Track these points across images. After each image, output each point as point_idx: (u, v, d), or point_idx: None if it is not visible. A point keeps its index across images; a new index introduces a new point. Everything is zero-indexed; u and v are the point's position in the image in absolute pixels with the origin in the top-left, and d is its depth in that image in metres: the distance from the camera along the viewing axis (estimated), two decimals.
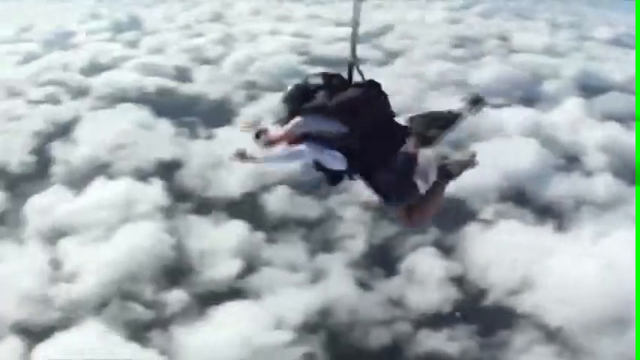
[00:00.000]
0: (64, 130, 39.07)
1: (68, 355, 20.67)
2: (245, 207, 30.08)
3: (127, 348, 21.50)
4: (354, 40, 7.80)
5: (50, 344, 21.61)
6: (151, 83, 48.42)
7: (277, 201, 30.30)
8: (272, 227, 28.85)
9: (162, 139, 37.50)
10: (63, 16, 68.95)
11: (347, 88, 7.72)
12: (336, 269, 25.89)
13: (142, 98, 44.60)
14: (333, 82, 7.75)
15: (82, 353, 20.84)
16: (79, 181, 32.45)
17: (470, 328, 23.09)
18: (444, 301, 24.44)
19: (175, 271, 25.99)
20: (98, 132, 37.63)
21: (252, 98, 44.07)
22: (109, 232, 28.00)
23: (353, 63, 7.81)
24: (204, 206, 30.42)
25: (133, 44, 60.17)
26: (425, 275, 25.58)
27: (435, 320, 23.55)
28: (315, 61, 52.71)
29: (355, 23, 7.75)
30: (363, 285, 25.25)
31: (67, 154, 35.83)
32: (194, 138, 38.14)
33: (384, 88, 7.76)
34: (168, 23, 67.97)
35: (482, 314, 23.94)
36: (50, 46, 59.79)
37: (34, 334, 22.26)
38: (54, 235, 27.98)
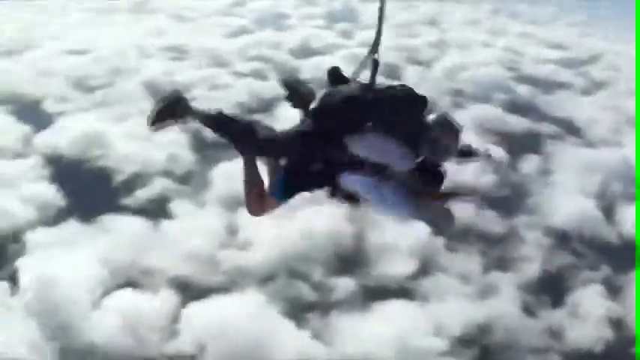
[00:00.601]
0: (266, 106, 38.93)
1: (220, 317, 20.80)
2: None
3: (282, 324, 21.35)
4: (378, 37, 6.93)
5: (205, 304, 21.76)
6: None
7: (464, 211, 28.85)
8: (453, 235, 27.35)
9: None
10: None
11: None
12: (505, 289, 25.01)
13: None
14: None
15: (234, 318, 20.85)
16: None
17: None
18: (597, 339, 23.17)
19: (349, 259, 25.54)
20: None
21: (457, 105, 42.65)
22: (291, 210, 27.48)
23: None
24: None
25: (346, 35, 59.97)
26: (588, 312, 24.37)
27: (586, 358, 22.57)
28: (523, 78, 51.24)
29: (380, 21, 6.91)
30: (528, 310, 24.30)
31: None
32: None
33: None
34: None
35: None
36: (261, 24, 61.21)
37: (191, 291, 22.50)
38: (235, 203, 27.71)
